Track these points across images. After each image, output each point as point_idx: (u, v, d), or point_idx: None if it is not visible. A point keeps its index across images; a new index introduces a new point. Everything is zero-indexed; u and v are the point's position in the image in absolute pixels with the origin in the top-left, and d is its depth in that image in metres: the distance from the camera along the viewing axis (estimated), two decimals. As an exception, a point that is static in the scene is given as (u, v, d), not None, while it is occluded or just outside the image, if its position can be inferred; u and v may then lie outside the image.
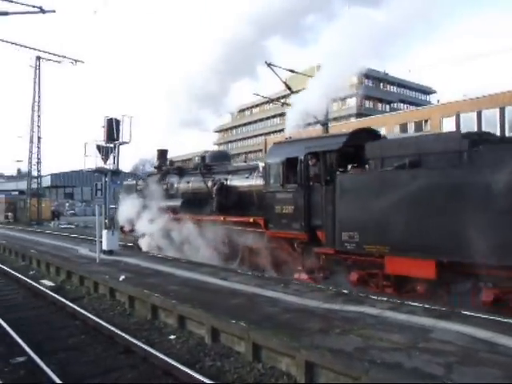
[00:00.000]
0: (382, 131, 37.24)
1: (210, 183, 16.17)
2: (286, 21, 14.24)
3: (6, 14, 11.81)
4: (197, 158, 18.58)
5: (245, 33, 14.46)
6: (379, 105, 70.73)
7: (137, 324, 9.55)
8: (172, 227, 16.85)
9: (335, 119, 54.22)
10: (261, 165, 14.08)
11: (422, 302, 8.63)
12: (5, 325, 9.41)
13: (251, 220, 13.61)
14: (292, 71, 22.29)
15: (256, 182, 14.19)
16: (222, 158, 17.99)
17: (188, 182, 17.84)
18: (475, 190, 8.11)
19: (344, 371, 5.74)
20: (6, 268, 17.22)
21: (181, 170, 19.13)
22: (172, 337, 8.55)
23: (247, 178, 14.88)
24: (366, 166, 10.47)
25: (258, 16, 14.17)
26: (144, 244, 18.70)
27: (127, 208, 18.67)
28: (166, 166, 19.80)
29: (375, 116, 46.26)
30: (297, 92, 17.62)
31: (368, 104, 69.50)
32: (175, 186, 18.42)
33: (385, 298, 8.99)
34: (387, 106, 70.72)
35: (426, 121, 35.45)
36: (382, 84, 72.80)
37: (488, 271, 8.07)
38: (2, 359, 7.63)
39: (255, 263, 13.71)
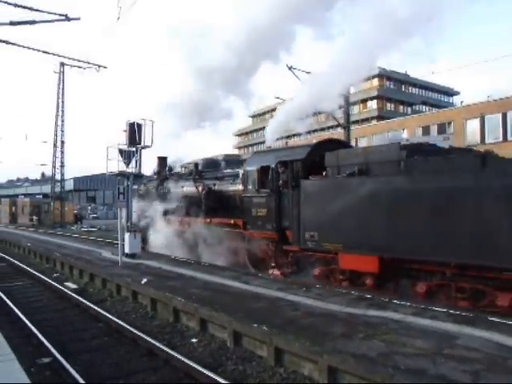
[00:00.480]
0: (404, 134, 36.91)
1: (200, 188, 17.73)
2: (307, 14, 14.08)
3: (33, 22, 12.04)
4: (190, 166, 20.19)
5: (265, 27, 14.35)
6: (401, 107, 69.84)
7: (159, 327, 9.62)
8: (167, 227, 18.71)
9: (356, 122, 53.87)
10: (240, 172, 15.37)
11: (445, 307, 8.53)
12: (31, 326, 9.59)
13: (232, 221, 15.15)
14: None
15: (238, 187, 15.45)
16: (213, 165, 19.31)
17: (182, 187, 19.25)
18: (410, 195, 9.33)
19: (367, 377, 5.69)
20: (31, 270, 17.55)
21: (177, 175, 20.62)
22: (194, 340, 8.59)
23: (231, 183, 16.40)
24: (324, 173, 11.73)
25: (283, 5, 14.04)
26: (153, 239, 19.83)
27: (136, 208, 19.24)
28: (164, 172, 21.41)
29: (397, 119, 45.67)
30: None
31: (389, 106, 68.75)
32: (171, 190, 19.76)
33: (408, 303, 8.89)
34: (409, 109, 69.79)
35: (449, 123, 34.90)
36: (403, 86, 71.95)
37: (421, 266, 9.46)
38: (28, 359, 7.76)
39: (237, 261, 15.19)
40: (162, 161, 21.83)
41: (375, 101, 66.27)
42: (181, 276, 12.93)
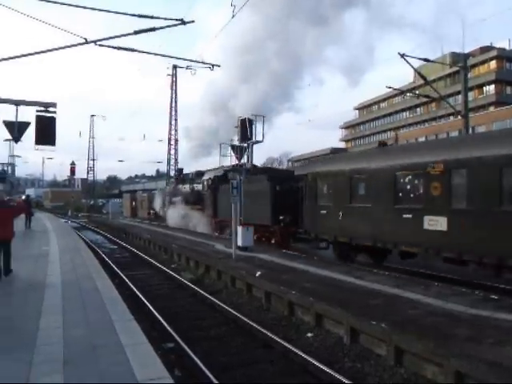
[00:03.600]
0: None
1: (189, 188, 32.55)
2: None
3: (153, 29, 12.79)
4: (190, 175, 34.77)
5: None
6: (523, 91, 63.53)
7: (274, 320, 9.76)
8: (176, 211, 33.92)
9: (471, 110, 50.11)
10: (203, 179, 29.70)
11: None
12: (155, 313, 10.23)
13: (200, 207, 29.80)
14: (426, 60, 21.01)
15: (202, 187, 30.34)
16: (200, 173, 31.96)
17: (184, 187, 34.30)
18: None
19: (501, 386, 5.25)
20: (152, 261, 18.80)
21: (184, 179, 35.68)
22: (309, 334, 8.58)
23: (197, 183, 31.27)
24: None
25: None
26: (168, 218, 36.16)
27: (158, 201, 41.20)
28: (179, 176, 37.50)
29: (520, 104, 41.75)
30: (433, 82, 16.65)
31: (510, 90, 62.80)
32: (179, 189, 35.18)
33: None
34: (533, 93, 63.19)
35: None
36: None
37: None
38: (154, 344, 8.28)
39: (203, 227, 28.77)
40: (180, 170, 39.19)
41: (493, 85, 60.94)
42: (293, 270, 13.01)
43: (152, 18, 12.34)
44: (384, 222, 13.17)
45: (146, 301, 11.44)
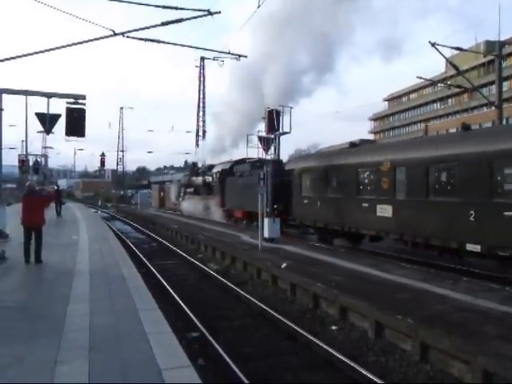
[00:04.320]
0: None
1: (201, 179, 35.62)
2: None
3: (180, 20, 12.80)
4: (202, 168, 37.67)
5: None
6: None
7: (298, 312, 9.73)
8: (189, 200, 38.04)
9: (506, 100, 48.55)
10: (214, 171, 32.51)
11: None
12: (181, 302, 10.33)
13: (211, 197, 32.44)
14: (459, 49, 20.39)
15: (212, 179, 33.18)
16: (210, 167, 34.82)
17: (197, 179, 37.08)
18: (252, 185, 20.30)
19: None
20: (179, 251, 18.99)
21: (197, 171, 38.15)
22: (334, 327, 8.52)
23: (208, 176, 33.95)
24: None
25: None
26: (183, 208, 39.83)
27: (174, 191, 44.85)
28: (193, 169, 40.07)
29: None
30: (465, 72, 16.20)
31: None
32: (193, 180, 38.16)
33: None
34: None
35: None
36: None
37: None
38: (179, 333, 8.36)
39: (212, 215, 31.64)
40: (194, 164, 41.04)
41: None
42: (319, 262, 12.94)
43: (178, 9, 12.35)
44: (349, 210, 15.99)
45: (171, 290, 11.56)
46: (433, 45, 18.23)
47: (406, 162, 13.63)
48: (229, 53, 17.19)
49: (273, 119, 15.66)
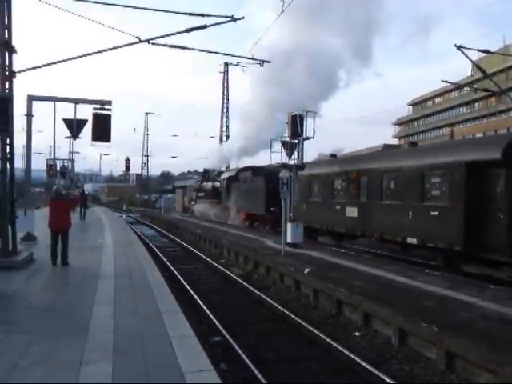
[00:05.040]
0: None
1: (210, 185, 39.23)
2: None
3: (205, 27, 12.90)
4: (212, 174, 41.40)
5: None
6: None
7: (321, 317, 9.67)
8: (202, 205, 41.60)
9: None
10: (221, 178, 36.10)
11: None
12: (204, 308, 10.37)
13: (217, 202, 36.50)
14: (486, 52, 19.95)
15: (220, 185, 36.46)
16: (219, 173, 39.03)
17: (207, 184, 40.67)
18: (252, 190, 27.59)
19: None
20: (202, 255, 19.08)
21: (208, 177, 41.52)
22: (357, 334, 8.45)
23: (217, 181, 37.21)
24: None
25: None
26: (195, 211, 43.78)
27: (187, 196, 49.55)
28: (204, 176, 43.39)
29: None
30: (493, 75, 15.93)
31: None
32: (204, 185, 41.59)
33: None
34: None
35: None
36: None
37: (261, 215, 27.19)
38: (201, 337, 8.41)
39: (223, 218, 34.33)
40: (206, 171, 43.78)
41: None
42: (343, 267, 12.86)
43: (202, 16, 12.46)
44: (326, 211, 19.02)
45: (194, 294, 11.63)
46: (458, 48, 17.92)
47: (367, 171, 16.74)
48: (252, 58, 17.25)
49: (296, 124, 15.67)
